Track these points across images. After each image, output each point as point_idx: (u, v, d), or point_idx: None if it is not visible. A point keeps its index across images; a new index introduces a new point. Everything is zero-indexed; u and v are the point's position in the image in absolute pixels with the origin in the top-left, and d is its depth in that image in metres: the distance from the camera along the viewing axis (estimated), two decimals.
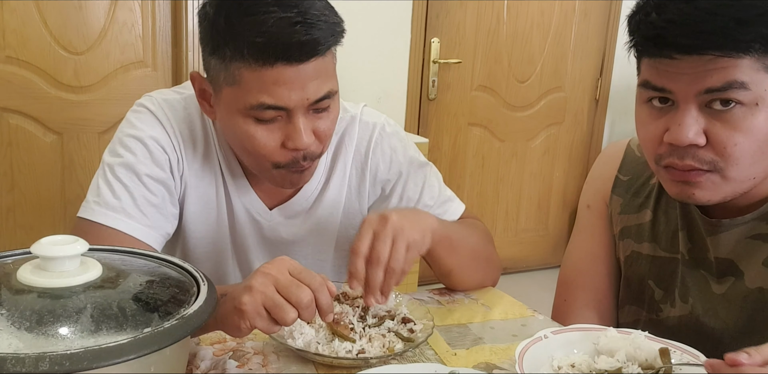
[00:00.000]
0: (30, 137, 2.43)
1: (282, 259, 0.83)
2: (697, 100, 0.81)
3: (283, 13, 0.88)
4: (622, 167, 1.11)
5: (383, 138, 1.17)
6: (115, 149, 1.06)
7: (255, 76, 0.91)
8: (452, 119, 3.20)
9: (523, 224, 3.54)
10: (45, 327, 0.58)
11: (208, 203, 1.12)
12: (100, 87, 2.48)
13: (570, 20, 3.30)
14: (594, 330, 0.93)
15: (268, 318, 0.78)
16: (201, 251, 1.16)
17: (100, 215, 1.02)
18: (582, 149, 3.55)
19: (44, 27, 2.35)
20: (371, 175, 1.18)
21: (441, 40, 3.04)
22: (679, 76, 0.81)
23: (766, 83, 0.79)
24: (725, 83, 0.78)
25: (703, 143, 0.82)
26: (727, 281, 0.95)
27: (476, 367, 0.91)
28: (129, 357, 0.57)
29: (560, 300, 1.19)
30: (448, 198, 1.21)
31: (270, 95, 0.92)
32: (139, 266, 0.73)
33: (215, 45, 0.93)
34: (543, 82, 3.35)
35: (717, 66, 0.78)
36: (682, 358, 0.87)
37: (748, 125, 0.79)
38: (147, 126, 1.06)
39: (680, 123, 0.81)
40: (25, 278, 0.63)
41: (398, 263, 0.90)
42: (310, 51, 0.91)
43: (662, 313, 1.03)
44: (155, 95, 1.10)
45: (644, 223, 1.06)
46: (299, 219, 1.17)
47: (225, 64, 0.93)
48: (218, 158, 1.11)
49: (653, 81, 0.84)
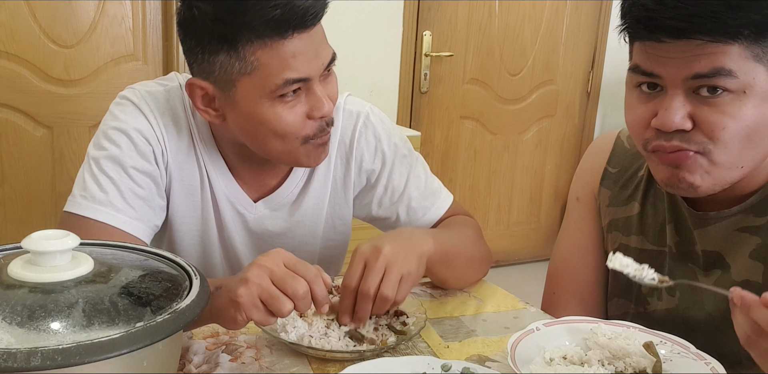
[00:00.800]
0: (20, 131, 2.41)
1: (277, 251, 0.83)
2: (685, 85, 0.81)
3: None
4: (611, 159, 1.11)
5: (367, 127, 1.16)
6: (100, 142, 1.05)
7: (273, 55, 0.92)
8: (444, 112, 3.19)
9: (515, 217, 3.54)
10: (36, 322, 0.58)
11: (193, 195, 1.12)
12: (90, 81, 2.47)
13: (561, 13, 3.30)
14: (585, 322, 0.94)
15: (264, 309, 0.79)
16: (188, 242, 1.16)
17: (87, 209, 1.01)
18: (574, 141, 3.56)
19: (33, 20, 2.33)
20: (356, 164, 1.17)
21: (433, 33, 3.03)
22: (667, 61, 0.81)
23: (754, 72, 0.79)
24: (712, 69, 0.79)
25: (689, 127, 0.82)
26: (714, 274, 0.95)
27: (469, 359, 0.91)
28: (121, 351, 0.57)
29: (549, 292, 1.19)
30: (436, 190, 1.21)
31: (292, 69, 0.93)
32: (131, 260, 0.73)
33: (223, 37, 0.92)
34: (534, 76, 3.35)
35: (705, 51, 0.78)
36: (673, 349, 0.88)
37: (735, 111, 0.80)
38: (131, 118, 1.05)
39: (667, 108, 0.82)
40: (16, 273, 0.63)
41: (388, 294, 0.89)
42: (317, 13, 0.93)
43: (649, 306, 1.03)
44: (138, 87, 1.09)
45: (632, 216, 1.06)
46: (284, 211, 1.17)
47: (237, 54, 0.93)
48: (199, 151, 1.10)
49: (643, 65, 0.84)
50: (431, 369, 0.82)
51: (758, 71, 0.79)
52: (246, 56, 0.93)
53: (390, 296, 0.89)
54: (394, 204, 1.18)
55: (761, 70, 0.79)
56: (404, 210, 1.18)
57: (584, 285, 1.14)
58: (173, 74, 1.13)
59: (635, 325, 0.93)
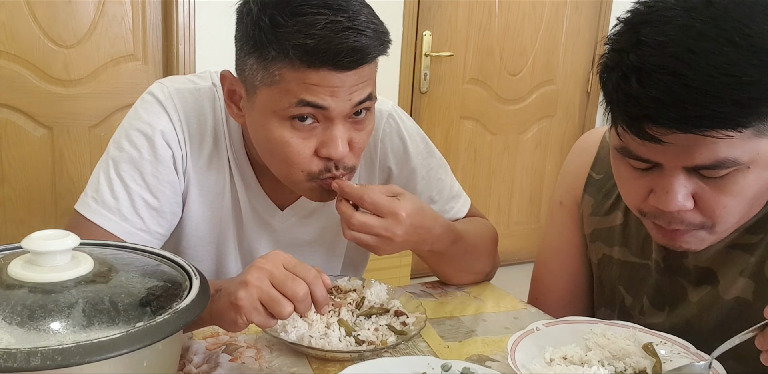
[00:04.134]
0: (20, 131, 2.41)
1: (276, 253, 0.83)
2: (686, 168, 0.75)
3: (333, 16, 0.85)
4: (595, 164, 1.05)
5: (392, 126, 1.14)
6: (120, 142, 1.02)
7: (297, 77, 0.87)
8: (444, 113, 3.19)
9: (515, 217, 3.54)
10: (36, 322, 0.58)
11: (213, 202, 1.08)
12: (90, 81, 2.47)
13: (561, 13, 3.30)
14: (585, 322, 0.94)
15: (265, 312, 0.78)
16: (201, 250, 1.12)
17: (95, 214, 0.99)
18: (573, 141, 3.51)
19: (33, 20, 2.33)
20: (380, 164, 1.15)
21: (433, 33, 3.03)
22: (665, 149, 0.73)
23: (758, 147, 0.73)
24: (715, 162, 0.72)
25: (691, 207, 0.77)
26: (703, 289, 0.92)
27: (469, 359, 0.91)
28: (121, 351, 0.57)
29: (532, 297, 1.17)
30: (456, 194, 1.19)
31: (312, 94, 0.88)
32: (131, 260, 0.73)
33: (257, 44, 0.88)
34: (534, 76, 3.35)
35: (708, 142, 0.71)
36: (673, 349, 0.87)
37: (738, 188, 0.75)
38: (154, 118, 1.01)
39: (668, 191, 0.76)
40: (16, 273, 0.63)
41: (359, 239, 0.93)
42: (359, 59, 0.87)
43: (633, 319, 0.98)
44: (167, 83, 1.05)
45: (615, 226, 1.02)
46: (313, 218, 1.14)
47: (265, 64, 0.89)
48: (228, 156, 1.06)
49: (635, 151, 0.77)
50: (431, 369, 0.82)
51: (762, 145, 0.73)
52: (272, 69, 0.88)
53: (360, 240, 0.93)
54: None
55: (765, 142, 0.73)
56: None
57: (566, 294, 1.12)
58: (207, 73, 1.09)
59: (635, 325, 0.92)
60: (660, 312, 0.98)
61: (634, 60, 0.71)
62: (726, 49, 0.67)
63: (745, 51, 0.67)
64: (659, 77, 0.69)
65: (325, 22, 0.84)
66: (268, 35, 0.87)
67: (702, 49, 0.67)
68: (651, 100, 0.69)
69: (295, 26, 0.85)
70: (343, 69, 0.87)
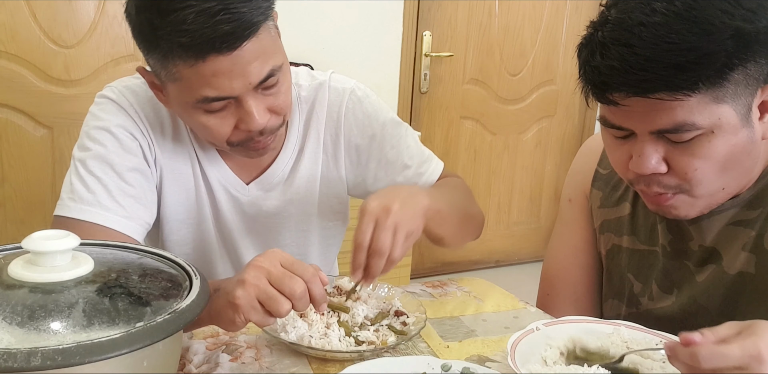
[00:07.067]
0: (20, 131, 2.41)
1: (273, 251, 0.83)
2: (653, 133, 0.82)
3: (202, 4, 0.85)
4: (602, 160, 1.11)
5: (354, 103, 1.16)
6: (84, 144, 1.04)
7: (192, 72, 0.89)
8: (444, 113, 3.19)
9: (515, 217, 3.54)
10: (37, 322, 0.58)
11: (186, 184, 1.11)
12: (90, 81, 2.47)
13: (561, 13, 3.30)
14: (585, 322, 0.94)
15: (263, 310, 0.79)
16: (183, 233, 1.15)
17: (75, 211, 1.00)
18: (573, 141, 3.55)
19: (33, 20, 2.33)
20: (345, 140, 1.17)
21: (433, 33, 3.03)
22: (630, 115, 0.82)
23: (718, 113, 0.79)
24: (675, 126, 0.79)
25: (664, 170, 0.84)
26: (708, 269, 0.95)
27: (469, 359, 0.91)
28: (121, 351, 0.57)
29: (543, 293, 1.19)
30: (427, 158, 1.21)
31: (212, 88, 0.90)
32: (131, 260, 0.73)
33: (146, 46, 0.91)
34: (534, 76, 3.35)
35: (665, 106, 0.78)
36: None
37: (705, 151, 0.81)
38: (111, 115, 1.04)
39: (640, 154, 0.83)
40: (16, 273, 0.63)
41: (400, 254, 0.90)
42: (239, 38, 0.88)
43: (641, 306, 1.03)
44: (115, 84, 1.08)
45: (623, 216, 1.06)
46: (277, 191, 1.17)
47: (162, 63, 0.91)
48: (189, 138, 1.09)
49: (609, 119, 0.85)
50: (431, 369, 0.82)
51: (723, 110, 0.79)
52: (169, 67, 0.91)
53: (399, 256, 0.90)
54: (390, 176, 1.18)
55: (725, 108, 0.79)
56: (402, 180, 1.18)
57: (578, 286, 1.14)
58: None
59: (635, 325, 0.93)
60: (669, 296, 1.00)
61: (599, 36, 0.80)
62: (672, 21, 0.75)
63: (690, 22, 0.75)
64: (615, 49, 0.78)
65: (194, 14, 0.85)
66: (150, 38, 0.89)
67: (652, 22, 0.76)
68: (608, 68, 0.78)
69: (168, 27, 0.86)
70: (228, 50, 0.88)
